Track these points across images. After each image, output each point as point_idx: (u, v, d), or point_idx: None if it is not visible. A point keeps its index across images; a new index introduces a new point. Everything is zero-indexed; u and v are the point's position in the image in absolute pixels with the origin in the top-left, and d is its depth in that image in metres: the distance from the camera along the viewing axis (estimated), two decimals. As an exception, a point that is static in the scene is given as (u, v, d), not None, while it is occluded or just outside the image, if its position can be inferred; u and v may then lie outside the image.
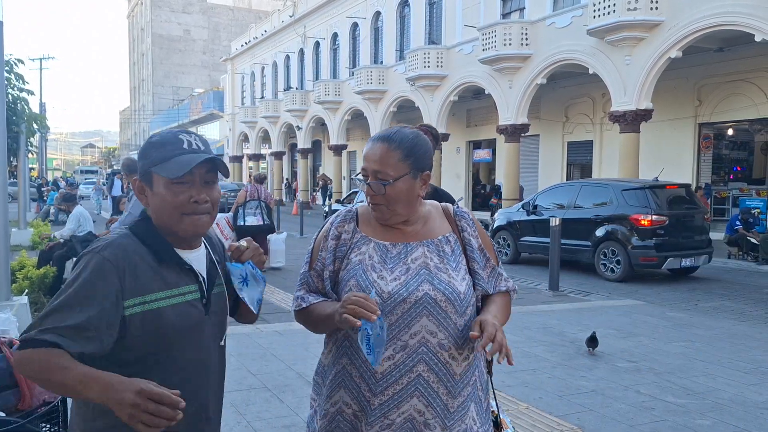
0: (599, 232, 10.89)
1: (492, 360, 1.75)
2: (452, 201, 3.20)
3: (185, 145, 1.55)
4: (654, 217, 10.21)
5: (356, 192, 21.11)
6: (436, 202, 1.84)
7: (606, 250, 10.81)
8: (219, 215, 9.16)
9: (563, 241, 11.33)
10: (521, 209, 12.69)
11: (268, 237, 10.66)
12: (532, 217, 12.14)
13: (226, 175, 1.65)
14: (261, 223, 10.40)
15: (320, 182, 33.03)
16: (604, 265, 10.84)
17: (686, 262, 10.66)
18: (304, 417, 4.06)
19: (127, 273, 1.46)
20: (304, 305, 1.73)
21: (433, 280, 1.65)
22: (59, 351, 1.36)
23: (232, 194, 20.51)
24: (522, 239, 12.52)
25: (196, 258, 1.62)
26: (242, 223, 10.21)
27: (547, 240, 11.07)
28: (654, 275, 11.28)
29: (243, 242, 1.70)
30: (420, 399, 1.63)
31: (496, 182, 23.11)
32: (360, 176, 1.71)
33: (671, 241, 10.43)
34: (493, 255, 1.81)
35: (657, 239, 10.33)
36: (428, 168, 1.72)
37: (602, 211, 11.03)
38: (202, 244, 1.66)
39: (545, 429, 3.98)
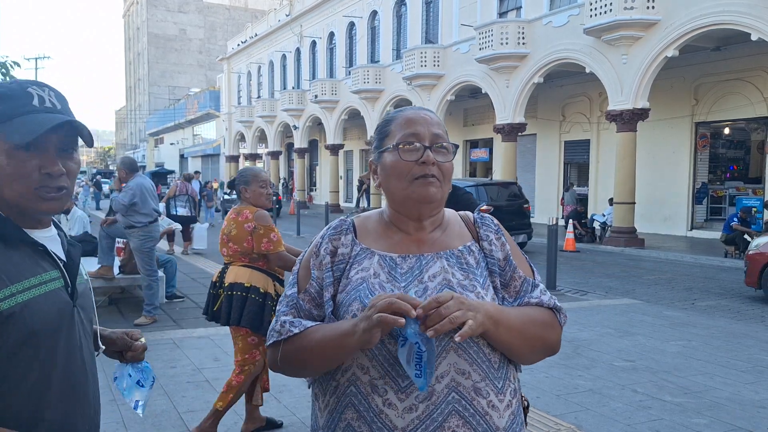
0: None
1: (528, 406, 1.45)
2: (473, 206, 3.12)
3: (36, 102, 1.23)
4: (483, 206, 12.04)
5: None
6: (451, 210, 1.51)
7: None
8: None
9: None
10: None
11: (192, 225, 12.87)
12: None
13: (90, 144, 1.35)
14: (189, 214, 12.39)
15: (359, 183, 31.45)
16: None
17: None
18: (302, 417, 4.05)
19: None
20: (295, 330, 1.30)
21: None
22: None
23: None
24: None
25: (50, 239, 1.31)
26: (174, 213, 12.12)
27: None
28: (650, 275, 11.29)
29: (143, 340, 1.53)
30: None
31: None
32: (409, 144, 1.34)
33: None
34: (526, 266, 1.44)
35: None
36: None
37: (449, 204, 13.79)
38: (52, 224, 1.35)
39: (543, 428, 3.98)
